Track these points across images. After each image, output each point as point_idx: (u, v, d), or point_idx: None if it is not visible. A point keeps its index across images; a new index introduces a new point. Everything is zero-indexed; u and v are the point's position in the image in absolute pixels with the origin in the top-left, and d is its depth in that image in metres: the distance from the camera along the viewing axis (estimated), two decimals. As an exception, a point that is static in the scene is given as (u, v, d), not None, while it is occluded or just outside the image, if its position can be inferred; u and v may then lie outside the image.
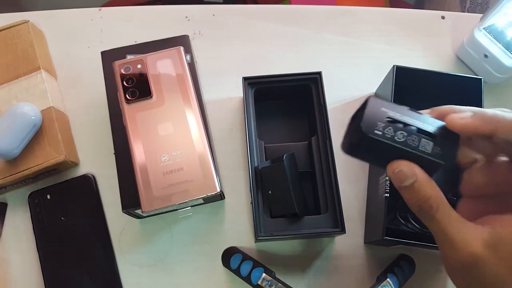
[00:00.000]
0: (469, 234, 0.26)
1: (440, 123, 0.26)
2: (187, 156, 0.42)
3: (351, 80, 0.58)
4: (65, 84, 0.57)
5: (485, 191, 0.30)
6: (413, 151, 0.24)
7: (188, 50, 0.51)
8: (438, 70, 0.51)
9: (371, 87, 0.57)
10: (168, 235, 0.50)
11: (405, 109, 0.25)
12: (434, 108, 0.29)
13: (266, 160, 0.49)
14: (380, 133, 0.24)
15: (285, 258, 0.49)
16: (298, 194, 0.46)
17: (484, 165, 0.30)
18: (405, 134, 0.24)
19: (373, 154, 0.26)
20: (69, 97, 0.56)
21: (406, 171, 0.26)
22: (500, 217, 0.27)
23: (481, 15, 0.57)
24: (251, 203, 0.45)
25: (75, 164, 0.53)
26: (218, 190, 0.41)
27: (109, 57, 0.51)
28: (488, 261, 0.25)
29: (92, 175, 0.52)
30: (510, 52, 0.53)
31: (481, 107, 0.48)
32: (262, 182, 0.46)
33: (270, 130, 0.53)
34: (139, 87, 0.44)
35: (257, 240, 0.44)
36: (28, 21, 0.55)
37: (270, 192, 0.45)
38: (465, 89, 0.49)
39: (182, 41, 0.52)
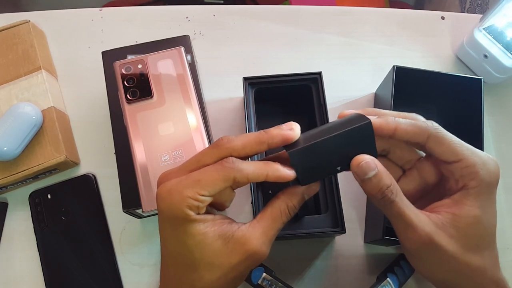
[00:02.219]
0: (423, 217, 0.29)
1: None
2: (187, 156, 0.42)
3: (351, 80, 0.58)
4: (66, 84, 0.57)
5: (420, 190, 0.33)
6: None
7: (188, 50, 0.51)
8: (438, 70, 0.51)
9: (371, 87, 0.57)
10: (169, 235, 0.50)
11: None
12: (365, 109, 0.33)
13: (266, 160, 0.49)
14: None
15: (285, 258, 0.49)
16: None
17: (411, 169, 0.34)
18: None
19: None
20: (70, 97, 0.56)
21: (371, 163, 0.29)
22: (439, 203, 0.31)
23: (481, 15, 0.57)
24: (251, 203, 0.45)
25: (75, 164, 0.53)
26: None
27: (110, 57, 0.51)
28: (442, 239, 0.28)
29: (93, 175, 0.52)
30: (509, 53, 0.53)
31: (481, 107, 0.48)
32: (262, 182, 0.46)
33: (270, 130, 0.53)
34: (140, 87, 0.44)
35: (257, 239, 0.44)
36: (29, 21, 0.55)
37: (270, 192, 0.45)
38: (465, 89, 0.50)
39: (182, 41, 0.52)
